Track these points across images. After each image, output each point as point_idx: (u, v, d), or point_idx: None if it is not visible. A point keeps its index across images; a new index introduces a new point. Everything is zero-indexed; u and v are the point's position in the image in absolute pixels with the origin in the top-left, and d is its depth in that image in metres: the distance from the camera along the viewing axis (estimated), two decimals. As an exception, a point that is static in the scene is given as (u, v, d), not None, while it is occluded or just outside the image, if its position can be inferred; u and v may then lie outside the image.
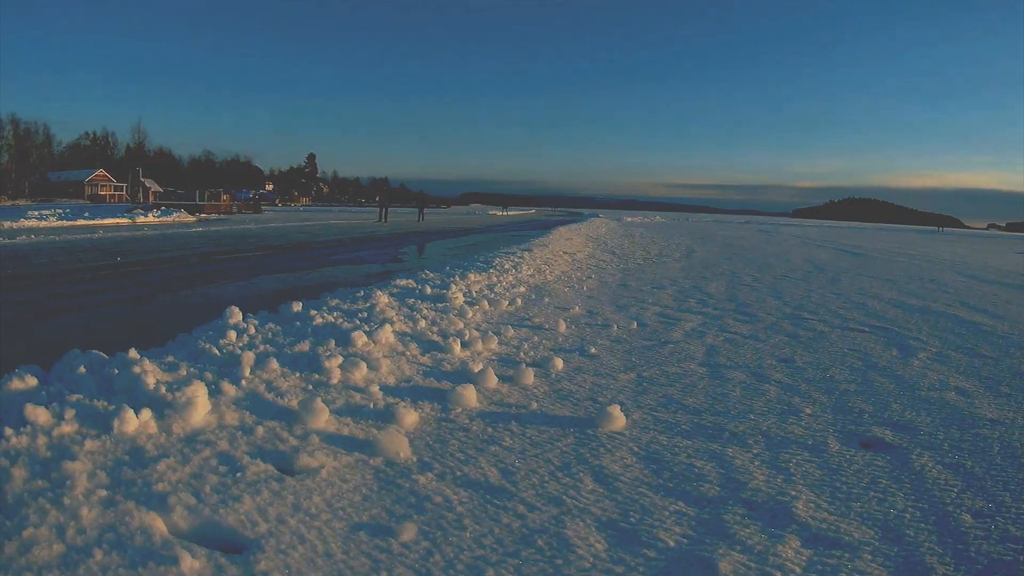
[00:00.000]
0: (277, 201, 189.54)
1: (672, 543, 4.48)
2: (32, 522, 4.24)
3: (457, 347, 9.35)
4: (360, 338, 9.14)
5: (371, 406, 6.80)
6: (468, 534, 4.48)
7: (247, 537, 4.31)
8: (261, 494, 4.83)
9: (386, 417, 6.50)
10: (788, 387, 8.51)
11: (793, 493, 5.33)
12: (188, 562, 3.92)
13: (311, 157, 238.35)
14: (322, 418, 6.25)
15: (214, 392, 6.70)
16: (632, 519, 4.78)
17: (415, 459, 5.65)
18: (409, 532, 4.42)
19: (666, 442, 6.35)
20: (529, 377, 8.14)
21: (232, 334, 9.17)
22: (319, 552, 4.17)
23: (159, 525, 4.36)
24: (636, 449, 6.14)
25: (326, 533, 4.39)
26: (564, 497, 5.08)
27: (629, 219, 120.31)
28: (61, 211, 73.36)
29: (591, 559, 4.26)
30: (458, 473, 5.44)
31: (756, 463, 5.93)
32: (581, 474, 5.53)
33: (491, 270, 19.26)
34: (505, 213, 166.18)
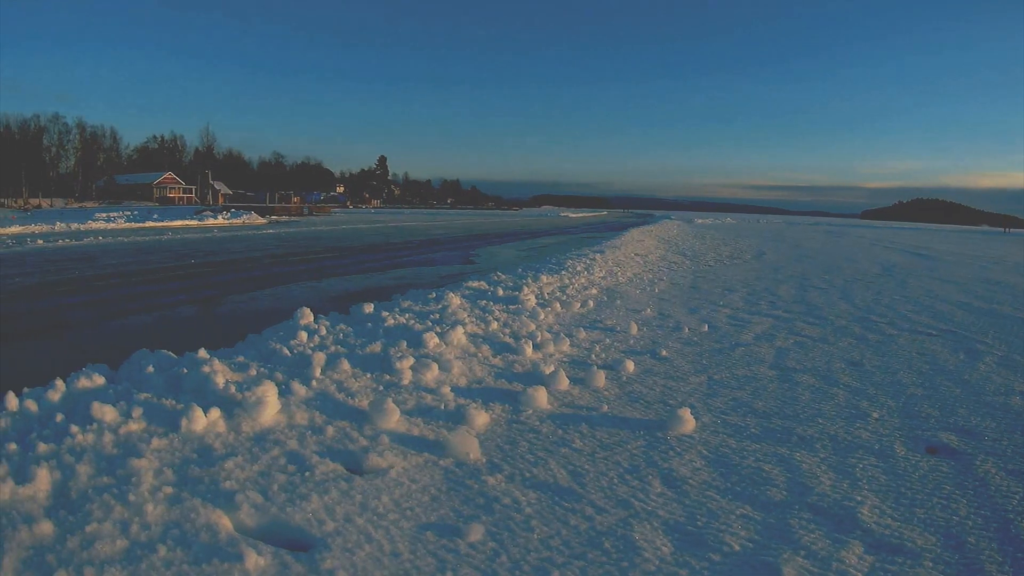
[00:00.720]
0: (348, 203, 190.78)
1: (737, 547, 4.45)
2: (96, 517, 4.32)
3: (529, 349, 9.34)
4: (432, 339, 9.17)
5: (442, 407, 6.82)
6: (535, 535, 4.47)
7: (314, 536, 4.34)
8: (329, 493, 4.86)
9: (457, 418, 6.52)
10: (856, 391, 8.41)
11: (858, 498, 5.27)
12: (253, 559, 3.96)
13: (382, 159, 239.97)
14: (393, 418, 6.28)
15: (284, 392, 6.76)
16: (699, 522, 4.75)
17: (485, 460, 5.66)
18: (476, 533, 4.41)
19: (735, 445, 6.32)
20: (600, 379, 8.11)
21: (303, 335, 9.26)
22: (385, 551, 4.18)
23: (225, 522, 4.42)
24: (705, 452, 6.11)
25: (393, 533, 4.40)
26: (632, 500, 5.06)
27: (700, 221, 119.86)
28: (129, 213, 74.53)
29: (656, 562, 4.24)
30: (527, 474, 5.43)
31: (823, 467, 5.86)
32: (650, 477, 5.51)
33: (563, 272, 19.31)
34: (578, 215, 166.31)
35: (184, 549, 4.05)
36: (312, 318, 10.42)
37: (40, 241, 42.46)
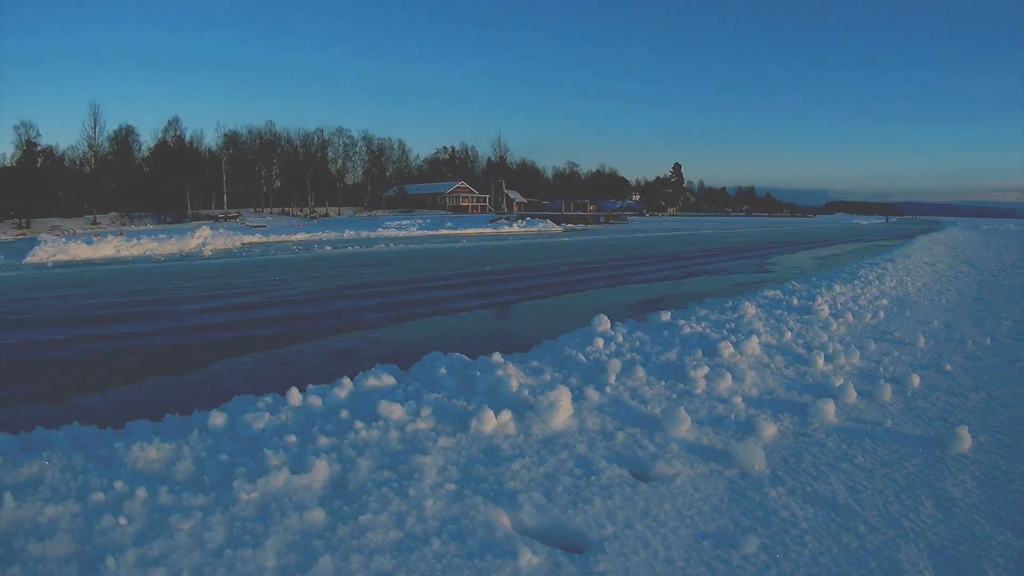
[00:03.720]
0: (644, 211, 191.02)
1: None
2: (372, 509, 4.59)
3: (820, 360, 9.20)
4: (727, 348, 9.20)
5: (732, 417, 6.84)
6: (807, 551, 4.45)
7: (591, 539, 4.45)
8: (612, 498, 4.98)
9: (746, 429, 6.54)
10: None
11: None
12: (527, 557, 4.10)
13: (676, 166, 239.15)
14: (683, 427, 6.33)
15: (577, 397, 6.94)
16: (962, 547, 4.59)
17: (769, 472, 5.66)
18: (751, 545, 4.42)
19: (1006, 467, 6.01)
20: (887, 393, 7.90)
21: (599, 341, 9.47)
22: (660, 558, 4.25)
23: (504, 521, 4.59)
24: (978, 474, 5.83)
25: (670, 540, 4.46)
26: (903, 520, 4.95)
27: (985, 227, 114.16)
28: (421, 221, 77.27)
29: (914, 586, 4.19)
30: (808, 489, 5.40)
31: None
32: (923, 496, 5.35)
33: (856, 281, 18.82)
34: (868, 222, 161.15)
35: (459, 544, 4.25)
36: (609, 325, 10.61)
37: (328, 248, 44.83)
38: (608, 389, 7.38)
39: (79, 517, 4.53)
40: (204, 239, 50.03)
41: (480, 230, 73.88)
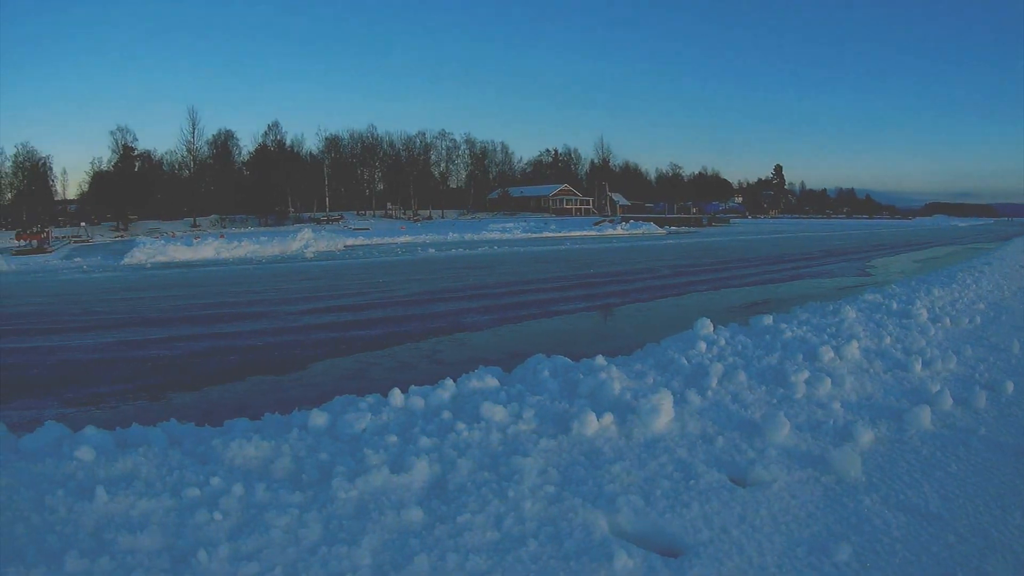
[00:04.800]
0: (746, 213, 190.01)
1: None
2: (470, 509, 4.67)
3: (918, 366, 9.04)
4: (827, 353, 9.13)
5: (831, 423, 6.78)
6: (897, 560, 4.41)
7: (687, 543, 4.46)
8: (710, 503, 4.98)
9: (844, 435, 6.46)
10: None
11: None
12: (622, 561, 4.12)
13: (778, 168, 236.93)
14: (783, 432, 6.31)
15: (679, 401, 6.96)
16: None
17: (864, 479, 5.60)
18: (844, 553, 4.39)
19: None
20: (982, 400, 7.74)
21: (702, 345, 9.47)
22: (754, 564, 4.26)
23: (602, 524, 4.61)
24: None
25: (765, 546, 4.47)
26: (992, 530, 4.88)
27: None
28: (525, 224, 77.63)
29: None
30: (901, 496, 5.34)
31: None
32: (1013, 507, 5.26)
33: (954, 285, 18.48)
34: (966, 224, 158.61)
35: (555, 545, 4.31)
36: (712, 328, 10.59)
37: (432, 250, 45.19)
38: (709, 393, 7.39)
39: (173, 512, 4.67)
40: (306, 241, 50.79)
41: (584, 233, 74.08)
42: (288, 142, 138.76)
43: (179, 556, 4.19)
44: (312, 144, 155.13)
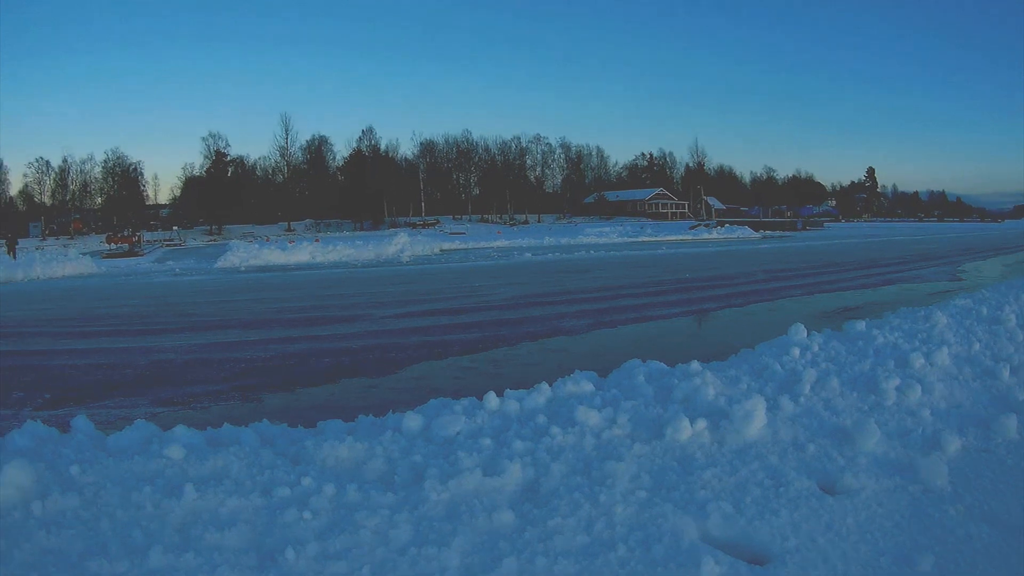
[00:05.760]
0: (839, 217, 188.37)
1: None
2: (561, 513, 4.70)
3: (1006, 373, 8.82)
4: (918, 359, 8.91)
5: (919, 431, 6.66)
6: (979, 572, 4.39)
7: (773, 551, 4.45)
8: (799, 510, 4.94)
9: (932, 443, 6.36)
10: None
11: None
12: (709, 567, 4.13)
13: (870, 171, 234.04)
14: (872, 440, 6.20)
15: (772, 407, 6.86)
16: None
17: (950, 488, 5.52)
18: (926, 563, 4.35)
19: None
20: None
21: (796, 351, 9.31)
22: (838, 573, 4.25)
23: (691, 530, 4.61)
24: None
25: (850, 555, 4.44)
26: None
27: None
28: (621, 228, 77.73)
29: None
30: (985, 507, 5.27)
31: None
32: None
33: (1041, 289, 18.37)
34: None
35: (643, 551, 4.32)
36: (806, 334, 10.40)
37: (528, 254, 45.31)
38: (802, 399, 7.30)
39: (262, 510, 4.77)
40: (402, 245, 51.30)
41: (679, 237, 74.02)
42: (383, 147, 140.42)
43: (266, 554, 4.28)
44: (407, 149, 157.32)
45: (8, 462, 4.89)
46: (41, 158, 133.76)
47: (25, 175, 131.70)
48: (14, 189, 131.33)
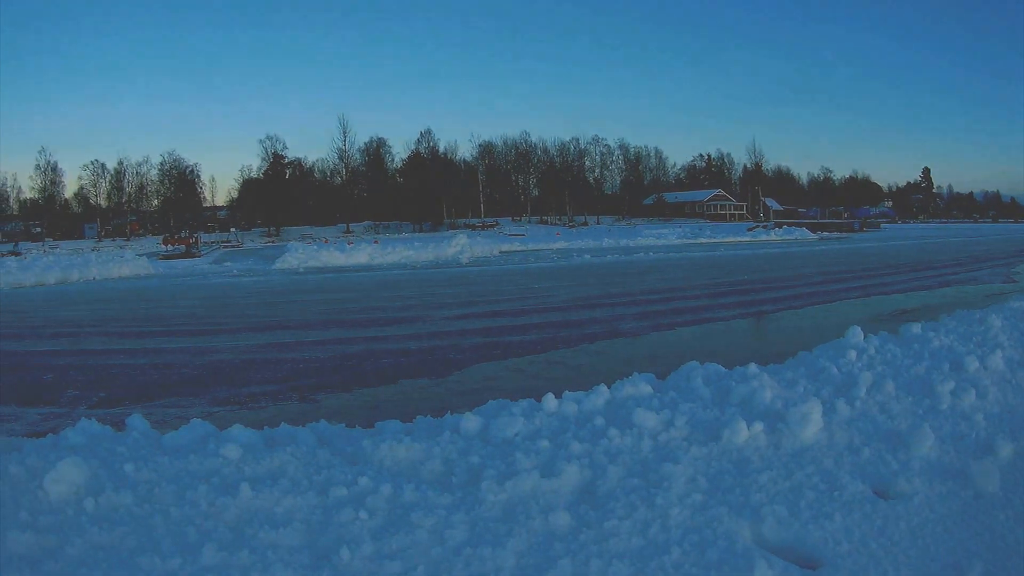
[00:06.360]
0: (895, 218, 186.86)
1: None
2: (617, 515, 4.71)
3: None
4: (972, 363, 8.83)
5: (973, 435, 6.61)
6: None
7: (825, 555, 4.45)
8: (852, 515, 4.92)
9: (984, 448, 6.28)
10: None
11: None
12: (762, 571, 4.14)
13: (926, 171, 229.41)
14: (926, 444, 6.15)
15: (828, 410, 6.80)
16: None
17: (1001, 494, 5.47)
18: (976, 570, 4.33)
19: None
20: None
21: (852, 353, 9.24)
22: None
23: (745, 533, 4.64)
24: None
25: (900, 560, 4.42)
26: None
27: None
28: (679, 230, 77.62)
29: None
30: None
31: None
32: None
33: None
34: None
35: (698, 554, 4.33)
36: (862, 337, 10.31)
37: (587, 256, 45.27)
38: (858, 403, 7.24)
39: (317, 510, 4.85)
40: (462, 247, 51.39)
41: (737, 238, 73.62)
42: (441, 149, 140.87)
43: (321, 553, 4.33)
44: (465, 151, 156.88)
45: (62, 459, 4.99)
46: (96, 160, 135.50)
47: (80, 177, 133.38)
48: (69, 191, 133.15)
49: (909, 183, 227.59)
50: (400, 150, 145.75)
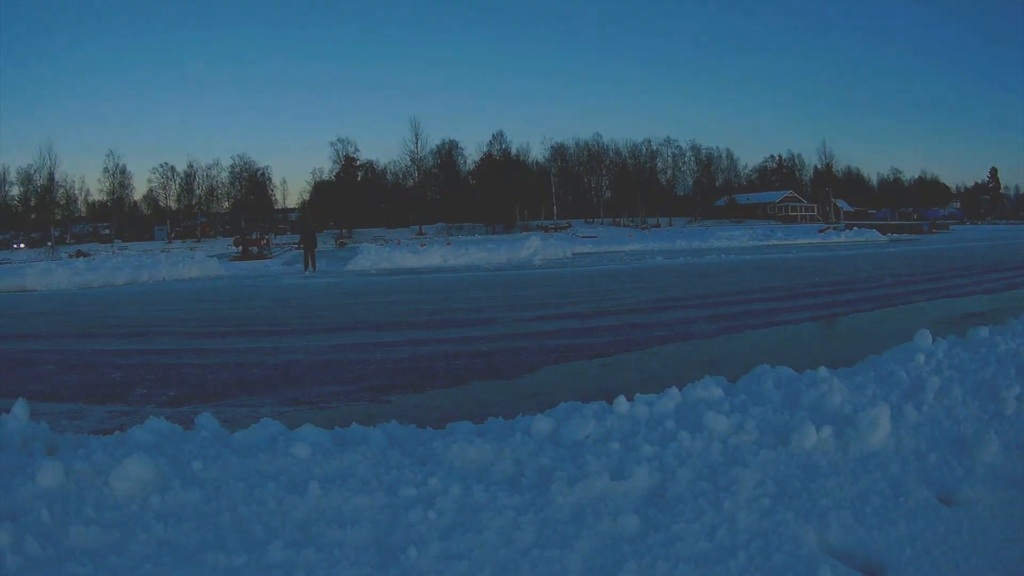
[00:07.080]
0: (964, 219, 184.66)
1: None
2: (685, 519, 4.74)
3: None
4: None
5: None
6: None
7: (888, 562, 4.46)
8: (916, 521, 4.92)
9: None
10: None
11: None
12: None
13: (993, 171, 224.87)
14: (991, 451, 6.11)
15: (896, 415, 6.74)
16: None
17: None
18: None
19: None
20: None
21: (921, 357, 9.07)
22: None
23: (810, 539, 4.65)
24: None
25: (961, 569, 4.42)
26: None
27: None
28: (751, 231, 77.43)
29: None
30: None
31: None
32: None
33: None
34: None
35: (762, 559, 4.36)
36: (931, 341, 10.14)
37: (660, 258, 45.17)
38: (925, 408, 7.18)
39: (386, 509, 4.90)
40: (534, 249, 51.42)
41: (809, 240, 73.12)
42: (513, 151, 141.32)
43: (388, 552, 4.40)
44: (537, 153, 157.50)
45: (128, 456, 5.10)
46: (166, 163, 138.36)
47: (150, 180, 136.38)
48: (138, 194, 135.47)
49: (977, 184, 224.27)
50: (472, 152, 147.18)
